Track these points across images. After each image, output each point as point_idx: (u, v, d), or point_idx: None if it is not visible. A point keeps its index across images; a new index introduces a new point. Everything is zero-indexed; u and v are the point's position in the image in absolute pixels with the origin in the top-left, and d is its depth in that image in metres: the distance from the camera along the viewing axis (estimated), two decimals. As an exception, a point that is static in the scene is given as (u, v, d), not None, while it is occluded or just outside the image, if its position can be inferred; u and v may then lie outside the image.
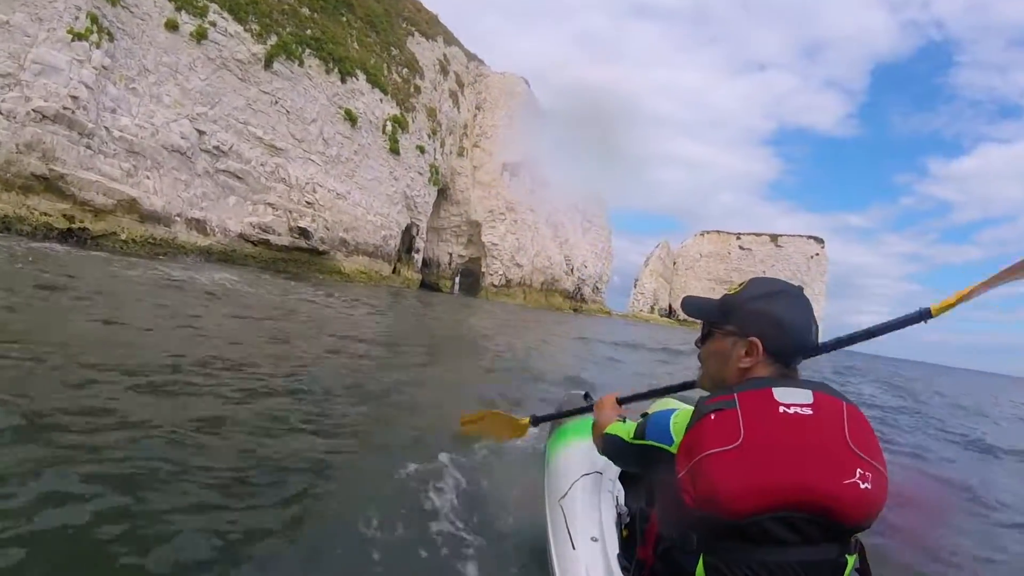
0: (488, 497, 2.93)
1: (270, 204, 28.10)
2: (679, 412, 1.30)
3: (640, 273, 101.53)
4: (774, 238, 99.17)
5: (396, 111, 37.44)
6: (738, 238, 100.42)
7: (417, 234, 42.23)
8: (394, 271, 38.42)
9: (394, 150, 37.00)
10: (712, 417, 1.14)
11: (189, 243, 23.86)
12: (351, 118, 32.88)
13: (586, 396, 4.09)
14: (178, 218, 23.72)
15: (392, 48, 38.94)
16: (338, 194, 32.10)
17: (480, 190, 51.78)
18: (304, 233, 29.23)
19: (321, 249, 30.51)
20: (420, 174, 40.66)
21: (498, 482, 3.14)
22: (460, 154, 50.13)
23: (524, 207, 53.70)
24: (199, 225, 24.76)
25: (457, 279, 54.22)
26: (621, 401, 2.03)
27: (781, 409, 1.12)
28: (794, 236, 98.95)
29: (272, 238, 27.86)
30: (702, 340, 1.41)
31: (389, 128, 36.59)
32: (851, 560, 1.16)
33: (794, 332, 1.25)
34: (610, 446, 1.55)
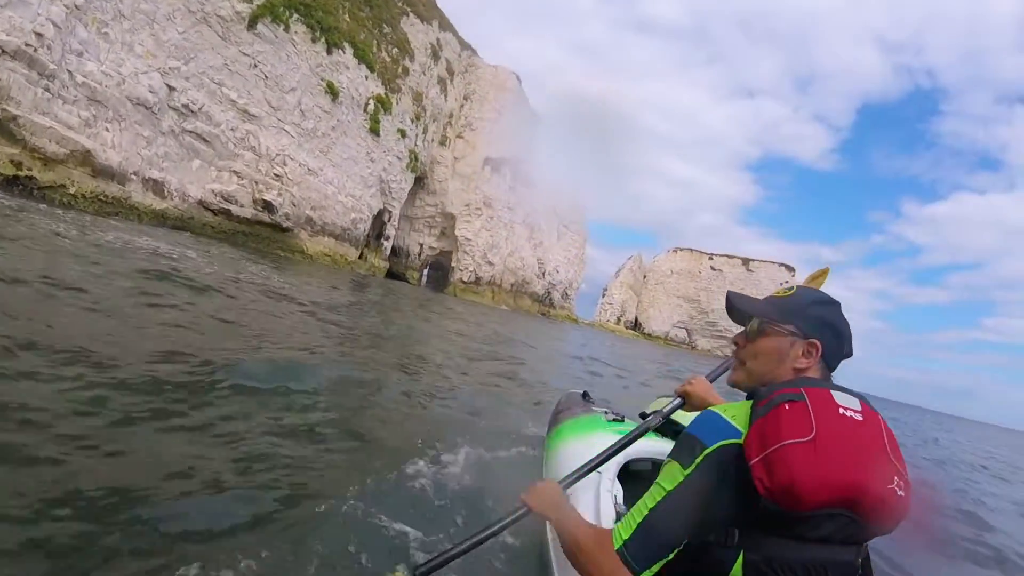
0: (487, 497, 2.92)
1: (235, 172, 26.77)
2: (726, 406, 1.24)
3: (610, 283, 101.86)
4: (746, 262, 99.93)
5: (381, 90, 36.33)
6: (710, 258, 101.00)
7: (389, 220, 41.22)
8: (361, 256, 37.37)
9: (374, 130, 35.91)
10: (786, 407, 1.13)
11: (143, 204, 22.54)
12: (332, 92, 31.67)
13: (584, 395, 3.82)
14: (134, 176, 22.34)
15: (384, 25, 37.76)
16: (309, 169, 30.86)
17: (459, 182, 50.93)
18: (268, 207, 27.99)
19: (285, 226, 29.35)
20: (399, 159, 39.65)
21: (497, 482, 3.11)
22: (442, 143, 49.24)
23: (502, 204, 53.10)
24: (156, 186, 23.39)
25: (426, 271, 53.54)
26: (565, 485, 1.84)
27: (841, 411, 1.14)
28: (766, 262, 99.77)
29: (234, 208, 26.59)
30: (751, 337, 1.39)
31: (371, 107, 35.42)
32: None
33: (845, 341, 1.31)
34: (657, 528, 1.15)
